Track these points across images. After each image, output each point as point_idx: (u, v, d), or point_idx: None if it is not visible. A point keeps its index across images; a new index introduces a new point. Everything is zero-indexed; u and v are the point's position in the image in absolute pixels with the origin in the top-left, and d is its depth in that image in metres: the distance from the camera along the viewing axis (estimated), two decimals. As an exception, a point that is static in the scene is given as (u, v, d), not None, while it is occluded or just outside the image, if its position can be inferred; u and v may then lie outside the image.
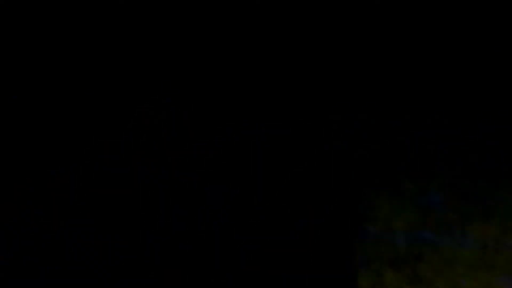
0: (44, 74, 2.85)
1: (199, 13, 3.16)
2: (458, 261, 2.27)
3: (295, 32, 3.20)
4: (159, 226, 2.49)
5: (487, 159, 3.04)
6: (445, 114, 3.22)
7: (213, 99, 2.95)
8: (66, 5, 2.89)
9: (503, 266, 2.28)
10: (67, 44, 2.93)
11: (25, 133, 2.67)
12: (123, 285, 2.31)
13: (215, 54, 3.13)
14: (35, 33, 2.88)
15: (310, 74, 3.15)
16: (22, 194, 2.48)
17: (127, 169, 2.66)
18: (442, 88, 3.25)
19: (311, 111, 3.03)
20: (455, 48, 3.17)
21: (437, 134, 3.14)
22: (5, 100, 2.69)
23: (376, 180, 2.82)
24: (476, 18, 3.14)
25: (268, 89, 3.01)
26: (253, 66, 3.08)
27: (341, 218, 2.28)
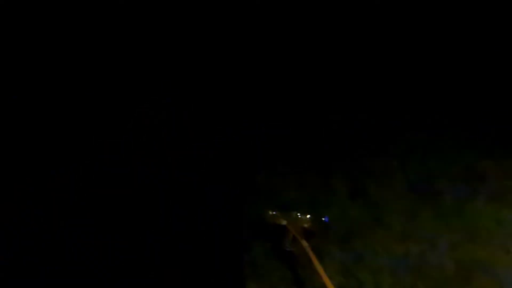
0: (44, 74, 2.85)
1: (200, 14, 3.16)
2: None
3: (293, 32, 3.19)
4: (158, 225, 2.49)
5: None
6: (445, 114, 3.21)
7: (211, 99, 2.96)
8: (66, 5, 2.90)
9: None
10: (67, 45, 2.93)
11: (25, 133, 2.67)
12: (123, 285, 2.31)
13: (215, 55, 3.12)
14: (35, 33, 2.88)
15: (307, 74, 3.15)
16: (22, 194, 2.48)
17: (127, 169, 2.66)
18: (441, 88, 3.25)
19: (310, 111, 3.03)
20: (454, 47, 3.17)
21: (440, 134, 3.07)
22: (5, 100, 2.69)
23: (417, 192, 2.66)
24: (476, 17, 3.14)
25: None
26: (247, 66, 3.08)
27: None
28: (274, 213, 2.37)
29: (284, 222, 2.33)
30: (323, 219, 2.38)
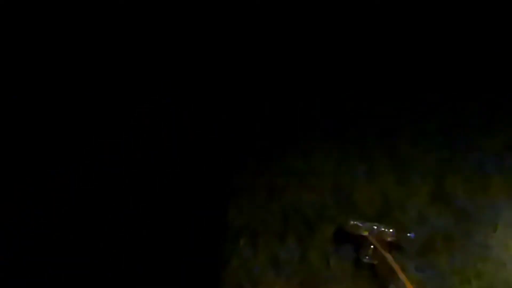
0: (44, 74, 2.85)
1: (199, 15, 3.16)
2: None
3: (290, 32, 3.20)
4: (158, 225, 2.49)
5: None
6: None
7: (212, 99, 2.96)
8: (66, 5, 2.90)
9: None
10: (67, 44, 2.93)
11: (25, 133, 2.67)
12: (122, 285, 2.32)
13: (215, 55, 3.13)
14: (35, 33, 2.89)
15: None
16: (22, 194, 2.48)
17: (126, 169, 2.66)
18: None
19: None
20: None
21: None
22: (5, 100, 2.69)
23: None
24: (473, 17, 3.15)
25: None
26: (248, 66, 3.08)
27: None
28: (355, 223, 2.29)
29: (365, 233, 2.26)
30: (409, 234, 2.27)
